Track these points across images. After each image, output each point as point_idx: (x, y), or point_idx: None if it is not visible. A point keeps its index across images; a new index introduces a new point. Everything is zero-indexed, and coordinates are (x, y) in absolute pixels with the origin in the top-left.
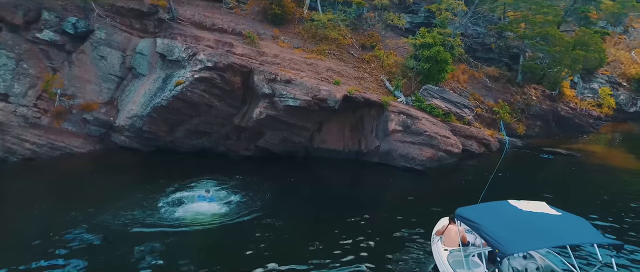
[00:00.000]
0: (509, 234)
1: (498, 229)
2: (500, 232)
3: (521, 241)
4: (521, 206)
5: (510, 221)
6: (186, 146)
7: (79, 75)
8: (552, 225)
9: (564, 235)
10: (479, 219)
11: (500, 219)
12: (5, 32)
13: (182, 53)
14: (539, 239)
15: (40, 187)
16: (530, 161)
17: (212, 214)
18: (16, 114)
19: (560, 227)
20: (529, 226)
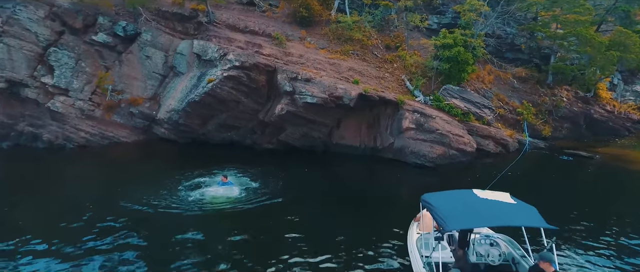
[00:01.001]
0: (455, 214)
1: (447, 210)
2: (448, 212)
3: (463, 220)
4: (481, 194)
5: (462, 204)
6: (217, 138)
7: (127, 73)
8: (500, 210)
9: (505, 218)
10: (435, 202)
11: (455, 202)
12: (67, 34)
13: (215, 53)
14: (481, 220)
15: (92, 170)
16: (547, 162)
17: (226, 198)
18: (74, 107)
19: (506, 212)
20: (477, 209)
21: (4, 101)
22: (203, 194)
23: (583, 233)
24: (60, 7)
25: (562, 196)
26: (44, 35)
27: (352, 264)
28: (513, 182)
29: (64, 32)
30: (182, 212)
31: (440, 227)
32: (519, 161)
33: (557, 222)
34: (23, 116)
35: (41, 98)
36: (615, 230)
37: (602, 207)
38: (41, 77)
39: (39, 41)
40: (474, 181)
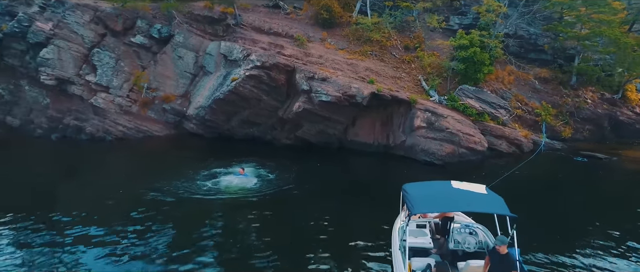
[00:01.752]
0: (423, 200)
1: (418, 196)
2: (418, 199)
3: (429, 206)
4: (456, 185)
5: (434, 192)
6: (240, 134)
7: (161, 72)
8: (468, 198)
9: (470, 205)
10: (411, 190)
11: (428, 190)
12: (109, 37)
13: (239, 54)
14: (447, 206)
15: (127, 160)
16: (560, 163)
17: (242, 188)
18: (114, 103)
19: (473, 200)
20: (446, 197)
21: (53, 97)
22: (220, 183)
23: (566, 231)
24: (103, 12)
25: (562, 195)
26: (89, 37)
27: (352, 252)
28: (518, 181)
29: (106, 35)
30: (202, 198)
31: (409, 211)
32: (531, 161)
33: (548, 219)
34: (69, 111)
35: (85, 94)
36: (600, 230)
37: (601, 207)
38: (86, 75)
39: (85, 43)
40: (479, 179)
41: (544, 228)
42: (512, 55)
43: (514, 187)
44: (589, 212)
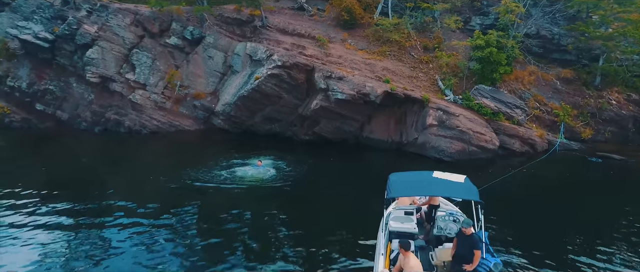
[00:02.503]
0: (400, 186)
1: (397, 183)
2: (395, 184)
3: (404, 190)
4: (437, 175)
5: (412, 180)
6: (262, 129)
7: (193, 71)
8: (443, 185)
9: (442, 191)
10: (394, 177)
11: (408, 178)
12: (147, 38)
13: (263, 54)
14: (420, 191)
15: (160, 151)
16: (572, 163)
17: (254, 178)
18: (150, 99)
19: (446, 187)
20: (422, 184)
21: (97, 94)
22: (236, 173)
23: (552, 228)
24: (142, 15)
25: (564, 193)
26: (129, 38)
27: (354, 238)
28: (524, 179)
29: (144, 36)
30: (222, 186)
31: (386, 195)
32: (542, 160)
33: (540, 216)
34: (111, 106)
35: (125, 91)
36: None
37: (600, 205)
38: (125, 73)
39: (125, 44)
40: (485, 176)
41: (531, 225)
42: (535, 56)
43: (519, 185)
44: (587, 211)
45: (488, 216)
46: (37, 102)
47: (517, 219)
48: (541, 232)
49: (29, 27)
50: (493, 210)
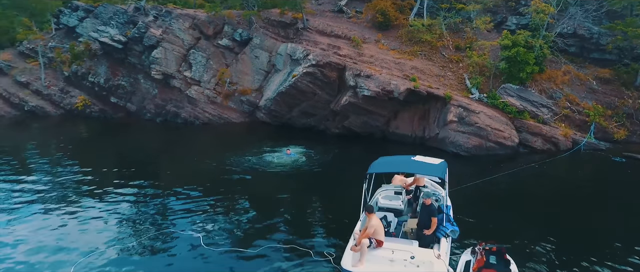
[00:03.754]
0: (378, 165)
1: (378, 163)
2: (376, 164)
3: (380, 168)
4: (416, 158)
5: (391, 161)
6: (299, 123)
7: (241, 69)
8: (414, 165)
9: (413, 169)
10: (379, 159)
11: (389, 159)
12: (202, 40)
13: (301, 54)
14: (394, 168)
15: (210, 140)
16: (593, 162)
17: (281, 164)
18: (203, 94)
19: (417, 166)
20: (398, 164)
21: (160, 89)
22: (264, 159)
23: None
24: (199, 19)
25: (563, 190)
26: (187, 40)
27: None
28: (535, 176)
29: (200, 38)
30: (255, 170)
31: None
32: (563, 158)
33: (541, 211)
34: (171, 100)
35: (183, 87)
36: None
37: (597, 204)
38: (184, 71)
39: (184, 45)
40: (493, 170)
41: (501, 220)
42: (572, 55)
43: (527, 181)
44: (591, 208)
45: (471, 208)
46: (112, 96)
47: (494, 214)
48: (514, 226)
49: (107, 31)
50: (478, 204)
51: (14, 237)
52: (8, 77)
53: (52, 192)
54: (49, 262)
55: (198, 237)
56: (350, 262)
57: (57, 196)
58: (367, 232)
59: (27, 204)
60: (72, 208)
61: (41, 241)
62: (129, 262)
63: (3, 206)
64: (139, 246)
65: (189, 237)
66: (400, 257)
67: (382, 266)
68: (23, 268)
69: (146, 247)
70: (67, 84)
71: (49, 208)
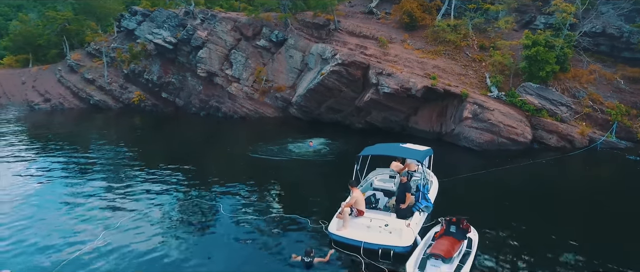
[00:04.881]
0: (371, 149)
1: (370, 148)
2: (370, 149)
3: (371, 151)
4: (403, 145)
5: (381, 146)
6: (327, 118)
7: (276, 68)
8: (398, 149)
9: (397, 152)
10: (374, 146)
11: (380, 146)
12: (242, 41)
13: (329, 53)
14: (379, 151)
15: (246, 132)
16: (605, 160)
17: (302, 153)
18: (242, 91)
19: (400, 150)
20: (385, 148)
21: (204, 85)
22: (292, 149)
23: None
24: (240, 22)
25: (562, 184)
26: (229, 41)
27: None
28: (529, 169)
29: (240, 39)
30: (283, 157)
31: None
32: (575, 155)
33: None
34: (213, 96)
35: (224, 84)
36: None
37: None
38: (225, 70)
39: (226, 46)
40: (497, 163)
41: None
42: (603, 54)
43: (528, 176)
44: (587, 202)
45: (467, 196)
46: (163, 91)
47: (481, 202)
48: (501, 214)
49: (160, 33)
50: (474, 194)
51: (69, 201)
52: (77, 74)
53: (107, 169)
54: (100, 218)
55: (219, 205)
56: (335, 227)
57: (111, 173)
58: (349, 202)
59: (87, 176)
60: (125, 182)
61: (94, 206)
62: (158, 221)
63: (67, 177)
64: (172, 211)
65: (211, 206)
66: (376, 224)
67: (360, 231)
68: (75, 223)
69: (174, 213)
70: (126, 81)
71: (105, 181)
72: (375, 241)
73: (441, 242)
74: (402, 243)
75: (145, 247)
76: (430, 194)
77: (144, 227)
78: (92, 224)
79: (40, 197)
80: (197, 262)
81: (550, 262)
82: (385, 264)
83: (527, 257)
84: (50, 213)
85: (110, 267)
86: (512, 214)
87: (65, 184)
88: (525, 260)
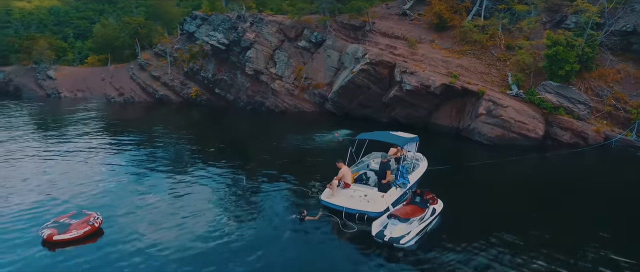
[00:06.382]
0: (366, 135)
1: (367, 134)
2: (365, 134)
3: (366, 136)
4: (393, 133)
5: (376, 134)
6: (357, 113)
7: (315, 67)
8: (388, 136)
9: (386, 138)
10: (371, 132)
11: (375, 133)
12: (286, 42)
13: (361, 53)
14: (375, 137)
15: (285, 124)
16: (613, 157)
17: (326, 142)
18: (284, 87)
19: (388, 136)
20: (379, 135)
21: (251, 82)
22: (319, 139)
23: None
24: (284, 25)
25: (560, 177)
26: (274, 42)
27: None
28: (541, 167)
29: (284, 41)
30: (310, 144)
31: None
32: (585, 151)
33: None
34: (258, 92)
35: (269, 81)
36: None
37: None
38: (270, 68)
39: (271, 46)
40: (504, 157)
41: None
42: (636, 53)
43: (528, 168)
44: (582, 197)
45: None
46: (216, 88)
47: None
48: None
49: (215, 35)
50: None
51: (137, 171)
52: (146, 72)
53: (168, 154)
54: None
55: (242, 178)
56: (325, 196)
57: (170, 157)
58: (337, 177)
59: (148, 160)
60: (185, 161)
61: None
62: (187, 183)
63: (135, 159)
64: (201, 180)
65: (236, 179)
66: (358, 195)
67: (344, 199)
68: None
69: (196, 182)
70: (186, 78)
71: (168, 159)
72: (355, 207)
73: (403, 208)
74: (375, 209)
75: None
76: (413, 174)
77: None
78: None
79: (121, 168)
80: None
81: (524, 237)
82: (359, 224)
83: (491, 236)
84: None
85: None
86: (495, 198)
87: (137, 162)
88: (495, 236)
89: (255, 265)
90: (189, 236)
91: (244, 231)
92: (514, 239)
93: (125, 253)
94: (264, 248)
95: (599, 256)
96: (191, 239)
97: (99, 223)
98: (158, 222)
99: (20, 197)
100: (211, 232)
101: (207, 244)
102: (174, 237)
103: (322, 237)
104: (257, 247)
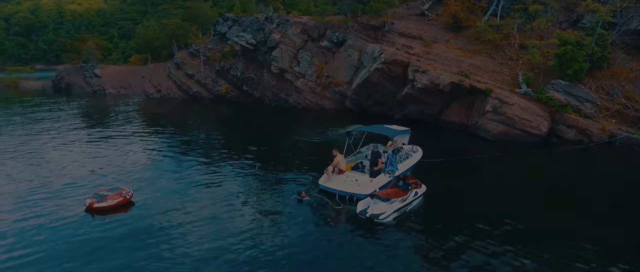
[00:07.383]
0: (361, 128)
1: (361, 127)
2: (359, 127)
3: (361, 128)
4: (387, 125)
5: (370, 126)
6: (373, 110)
7: (336, 66)
8: (382, 129)
9: (381, 131)
10: (368, 126)
11: (369, 126)
12: (309, 42)
13: (377, 53)
14: (370, 129)
15: (306, 120)
16: (617, 154)
17: (337, 137)
18: (307, 85)
19: (382, 129)
20: (373, 127)
21: (276, 80)
22: (331, 134)
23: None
24: (308, 26)
25: (562, 181)
26: (298, 42)
27: None
28: (534, 159)
29: (307, 41)
30: (323, 138)
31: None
32: (588, 148)
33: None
34: (283, 89)
35: (293, 79)
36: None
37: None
38: (294, 67)
39: (295, 46)
40: (505, 152)
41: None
42: None
43: (527, 162)
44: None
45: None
46: (244, 85)
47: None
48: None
49: (244, 36)
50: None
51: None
52: (181, 70)
53: (198, 145)
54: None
55: (255, 165)
56: (322, 180)
57: (200, 147)
58: (333, 164)
59: (179, 149)
60: (210, 152)
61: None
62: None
63: (170, 147)
64: (217, 168)
65: (249, 164)
66: (350, 180)
67: (338, 183)
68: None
69: (219, 171)
70: (217, 76)
71: (198, 156)
72: (347, 190)
73: (386, 190)
74: (363, 192)
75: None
76: (404, 163)
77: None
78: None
79: (158, 154)
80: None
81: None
82: (349, 204)
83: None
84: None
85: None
86: (480, 187)
87: (175, 151)
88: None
89: (257, 239)
90: (206, 213)
91: (249, 209)
92: (488, 225)
93: (149, 219)
94: (270, 227)
95: (583, 247)
96: (207, 216)
97: (130, 196)
98: (182, 199)
99: (70, 174)
100: (226, 211)
101: (222, 220)
102: (197, 209)
103: (317, 216)
104: (265, 227)
